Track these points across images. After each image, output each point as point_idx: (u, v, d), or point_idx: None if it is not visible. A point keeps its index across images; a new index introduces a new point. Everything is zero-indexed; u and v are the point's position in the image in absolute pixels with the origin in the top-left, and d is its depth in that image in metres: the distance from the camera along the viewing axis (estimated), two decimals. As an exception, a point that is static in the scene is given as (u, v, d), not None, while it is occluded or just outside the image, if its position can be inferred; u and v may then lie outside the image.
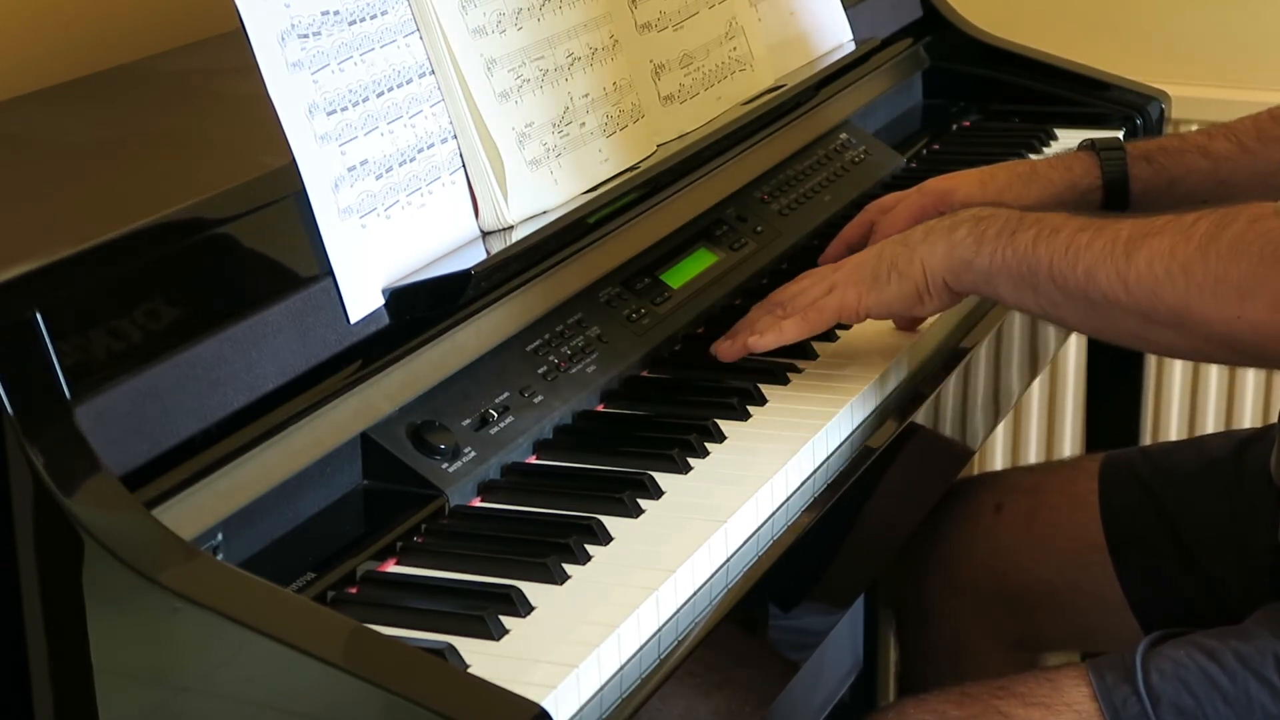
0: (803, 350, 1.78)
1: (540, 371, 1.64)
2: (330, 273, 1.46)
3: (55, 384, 1.23)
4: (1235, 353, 1.57)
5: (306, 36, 1.48)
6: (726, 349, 1.75)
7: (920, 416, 1.78)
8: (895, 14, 2.55)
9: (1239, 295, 1.50)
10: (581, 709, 1.27)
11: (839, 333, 1.83)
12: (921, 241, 1.69)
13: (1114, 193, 2.02)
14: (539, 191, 1.68)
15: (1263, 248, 1.49)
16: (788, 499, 1.57)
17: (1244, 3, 3.02)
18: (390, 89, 1.56)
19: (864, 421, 1.71)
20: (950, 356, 1.88)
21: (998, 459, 3.24)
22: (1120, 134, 2.44)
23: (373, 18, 1.56)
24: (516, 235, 1.63)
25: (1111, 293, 1.58)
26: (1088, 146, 2.05)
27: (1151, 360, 2.83)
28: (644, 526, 1.48)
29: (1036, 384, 3.14)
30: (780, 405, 1.69)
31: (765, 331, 1.72)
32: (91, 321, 1.28)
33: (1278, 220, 1.49)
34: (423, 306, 1.53)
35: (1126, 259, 1.57)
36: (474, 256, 1.58)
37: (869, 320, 1.76)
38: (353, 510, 1.46)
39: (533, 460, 1.60)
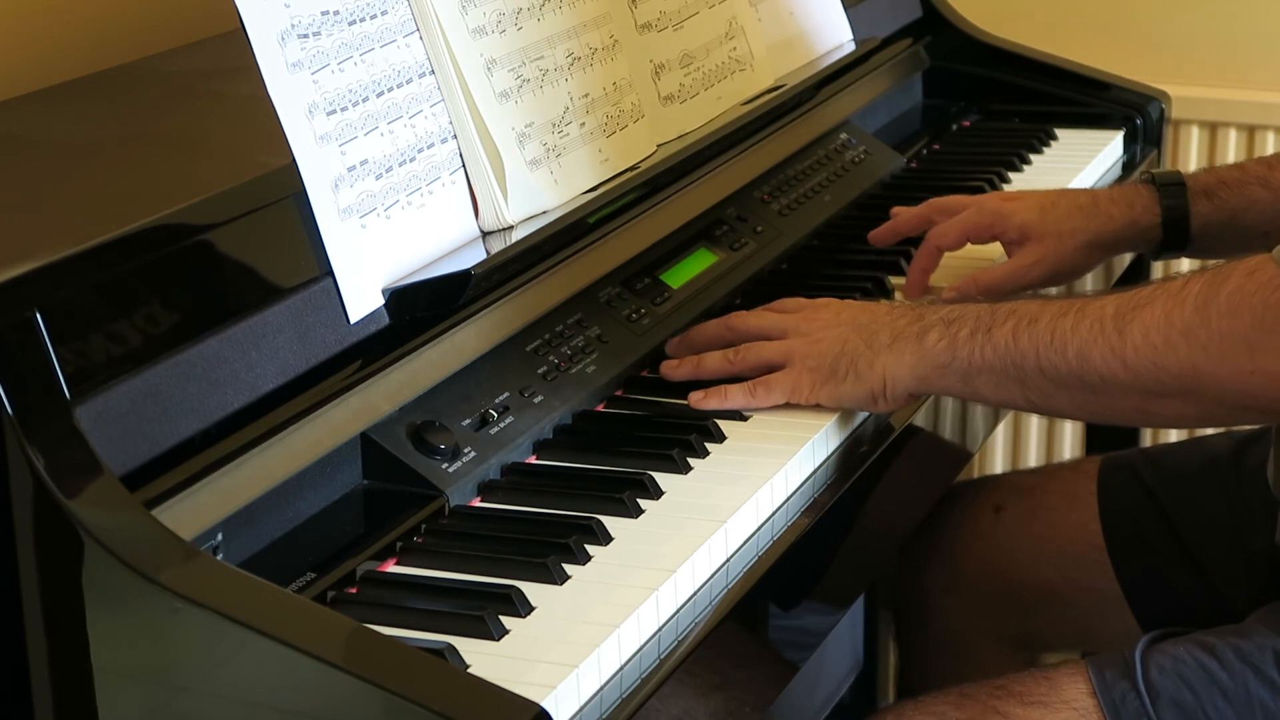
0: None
1: (540, 371, 1.64)
2: (330, 273, 1.46)
3: (55, 384, 1.23)
4: (1249, 410, 1.53)
5: (306, 36, 1.48)
6: (672, 368, 1.72)
7: (920, 418, 1.78)
8: (895, 14, 2.55)
9: (1248, 349, 1.47)
10: (581, 709, 1.27)
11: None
12: (887, 348, 1.64)
13: (1174, 231, 1.99)
14: (539, 191, 1.68)
15: (1266, 296, 1.46)
16: (788, 499, 1.57)
17: (1244, 3, 3.02)
18: (390, 89, 1.56)
19: (864, 422, 1.71)
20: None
21: (997, 460, 3.24)
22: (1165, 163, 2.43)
23: (373, 18, 1.56)
24: (516, 235, 1.63)
25: (1109, 372, 1.54)
26: (1148, 180, 2.01)
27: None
28: (644, 526, 1.48)
29: (1037, 384, 3.13)
30: (780, 405, 1.69)
31: (710, 395, 1.67)
32: (91, 321, 1.28)
33: (1275, 268, 1.47)
34: (423, 306, 1.53)
35: (1119, 335, 1.53)
36: (474, 256, 1.58)
37: None
38: (353, 510, 1.46)
39: (533, 460, 1.60)
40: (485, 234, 1.64)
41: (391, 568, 1.41)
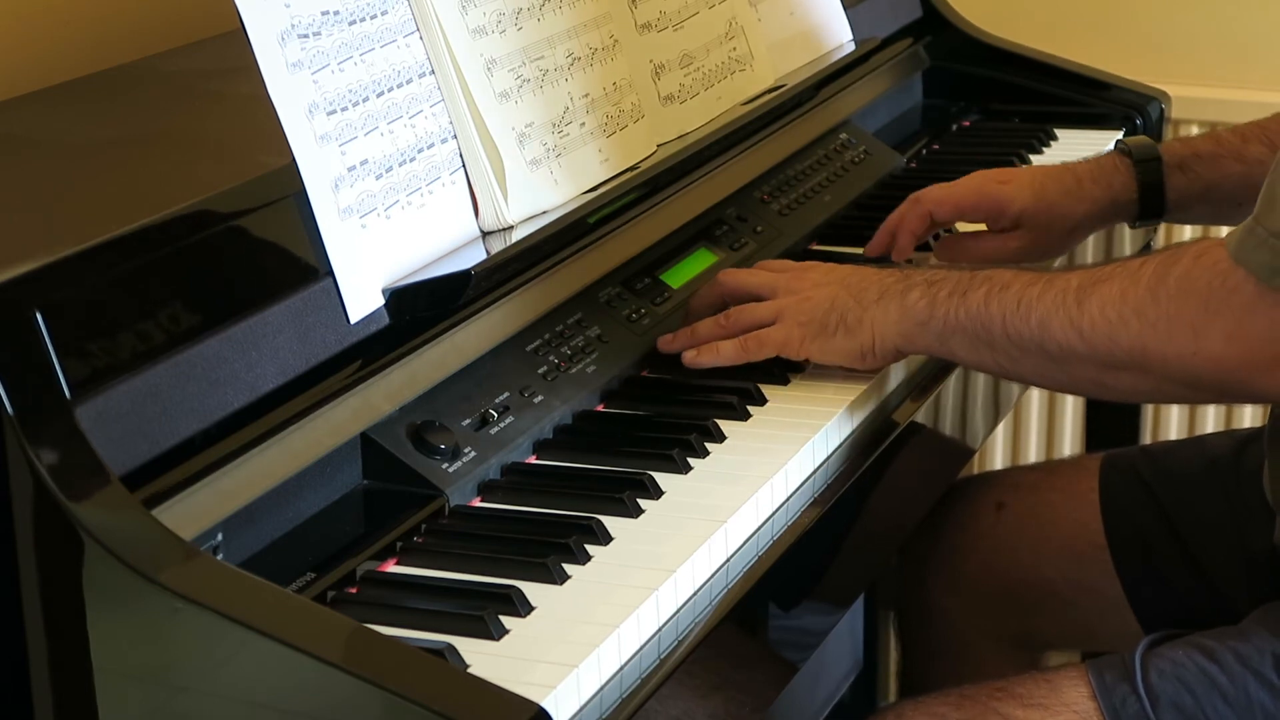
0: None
1: (540, 371, 1.64)
2: (330, 273, 1.46)
3: (55, 384, 1.23)
4: (1196, 390, 1.57)
5: (306, 36, 1.48)
6: (667, 343, 1.75)
7: (920, 416, 1.78)
8: (895, 14, 2.55)
9: (1193, 332, 1.51)
10: (581, 709, 1.27)
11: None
12: (875, 302, 1.69)
13: (1150, 202, 2.03)
14: (539, 191, 1.68)
15: (1210, 281, 1.50)
16: (788, 499, 1.57)
17: (1244, 3, 3.02)
18: (390, 89, 1.56)
19: (864, 421, 1.71)
20: (950, 356, 1.88)
21: (998, 459, 3.24)
22: (1131, 135, 2.44)
23: (373, 18, 1.56)
24: (516, 235, 1.63)
25: (1067, 342, 1.58)
26: (1125, 152, 2.05)
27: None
28: (644, 526, 1.48)
29: (1037, 384, 3.13)
30: (780, 405, 1.69)
31: (703, 351, 1.72)
32: (92, 321, 1.28)
33: (1222, 252, 1.50)
34: (423, 306, 1.53)
35: (1079, 307, 1.57)
36: (474, 256, 1.58)
37: None
38: (353, 510, 1.46)
39: (533, 460, 1.60)
40: (485, 234, 1.64)
41: (391, 568, 1.41)
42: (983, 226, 2.03)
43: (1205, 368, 1.52)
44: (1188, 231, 2.93)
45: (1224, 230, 1.81)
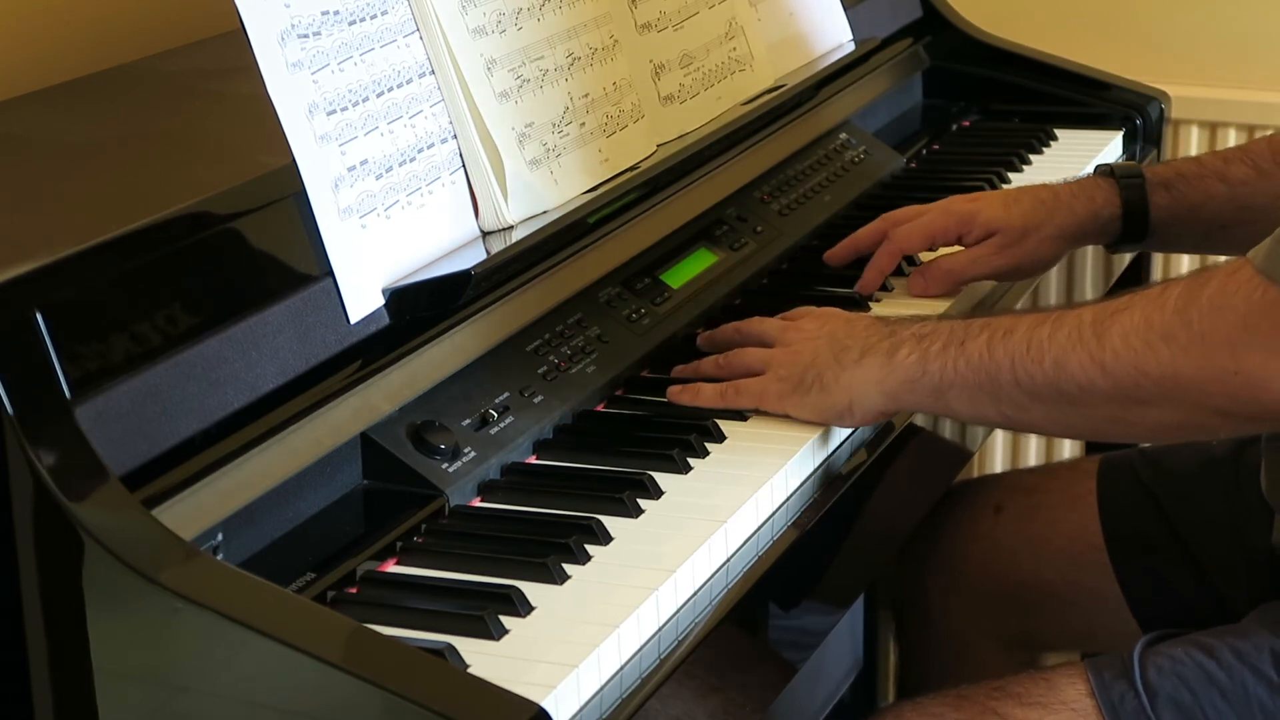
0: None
1: (540, 371, 1.64)
2: (330, 273, 1.46)
3: (55, 384, 1.23)
4: (1228, 416, 1.51)
5: (306, 36, 1.48)
6: (678, 374, 1.73)
7: (920, 418, 1.78)
8: (895, 14, 2.55)
9: (1230, 350, 1.46)
10: (581, 709, 1.27)
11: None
12: (855, 364, 1.63)
13: (1133, 221, 2.01)
14: (539, 191, 1.68)
15: (1248, 295, 1.45)
16: (788, 499, 1.57)
17: (1244, 3, 3.02)
18: (390, 89, 1.57)
19: (863, 422, 1.71)
20: (950, 357, 1.88)
21: (997, 460, 3.24)
22: (1129, 156, 2.44)
23: (373, 18, 1.56)
24: (516, 235, 1.63)
25: (1087, 380, 1.52)
26: (1106, 173, 2.03)
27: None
28: (644, 526, 1.48)
29: (1036, 384, 3.13)
30: (780, 405, 1.69)
31: (685, 390, 1.68)
32: (92, 321, 1.28)
33: (1252, 268, 1.46)
34: (423, 306, 1.53)
35: (1098, 341, 1.51)
36: (474, 256, 1.58)
37: None
38: (353, 510, 1.46)
39: (533, 460, 1.60)
40: (485, 234, 1.64)
41: (391, 568, 1.41)
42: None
43: (1244, 387, 1.46)
44: (1158, 261, 2.85)
45: (1216, 259, 1.79)
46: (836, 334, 1.68)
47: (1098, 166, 2.07)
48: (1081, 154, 2.42)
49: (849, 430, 1.68)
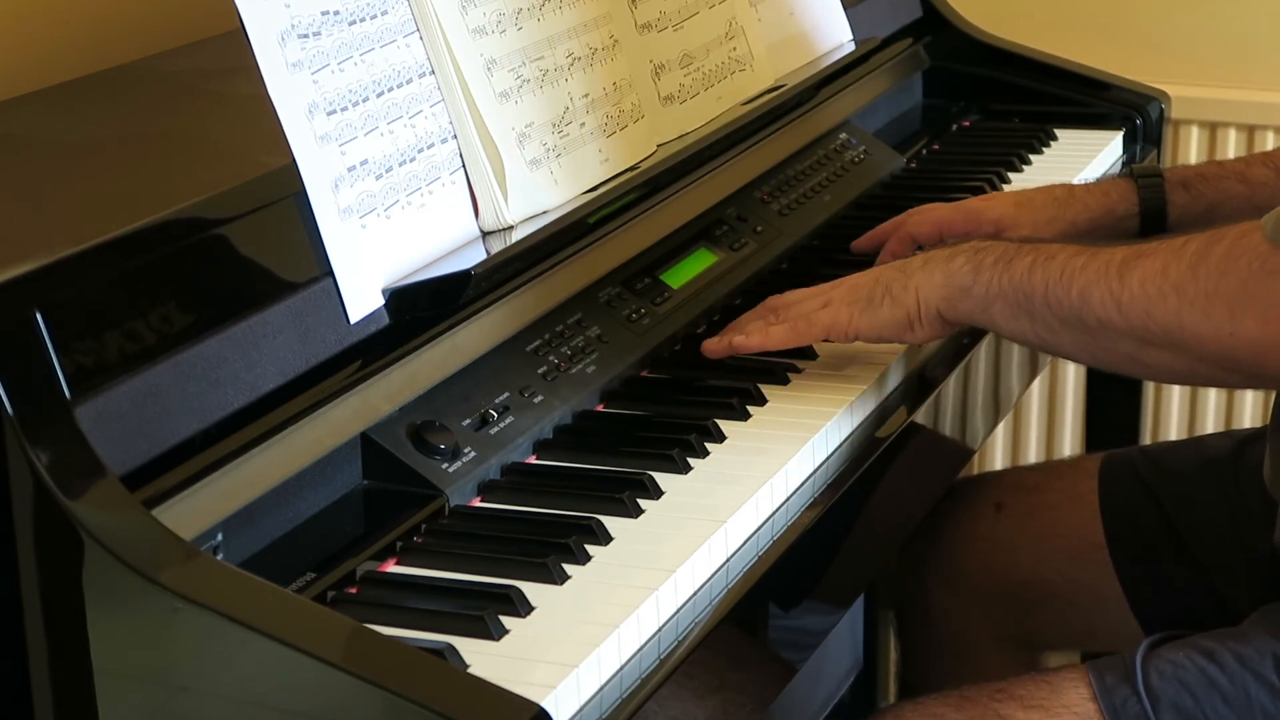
0: (803, 350, 1.78)
1: (540, 371, 1.64)
2: (330, 273, 1.46)
3: (55, 384, 1.23)
4: (1230, 371, 1.56)
5: (306, 36, 1.48)
6: (713, 345, 1.76)
7: (920, 416, 1.78)
8: (895, 14, 2.55)
9: (1230, 311, 1.50)
10: (581, 709, 1.27)
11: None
12: (919, 269, 1.70)
13: (1151, 220, 2.02)
14: (539, 191, 1.68)
15: (1250, 261, 1.49)
16: (788, 499, 1.57)
17: (1244, 3, 3.02)
18: (390, 89, 1.57)
19: (864, 421, 1.71)
20: (950, 356, 1.88)
21: (998, 459, 3.24)
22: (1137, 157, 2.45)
23: (373, 18, 1.56)
24: (516, 235, 1.63)
25: (1105, 315, 1.58)
26: (1126, 174, 2.04)
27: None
28: (644, 526, 1.48)
29: (1036, 384, 3.14)
30: (780, 405, 1.69)
31: (752, 334, 1.72)
32: (92, 321, 1.28)
33: (1262, 234, 1.49)
34: (423, 306, 1.53)
35: (1120, 280, 1.56)
36: (474, 256, 1.58)
37: None
38: (353, 510, 1.46)
39: (533, 460, 1.60)
40: (485, 234, 1.64)
41: (391, 568, 1.41)
42: None
43: (1240, 349, 1.50)
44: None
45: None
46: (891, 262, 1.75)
47: (1120, 167, 2.08)
48: (1081, 154, 2.42)
49: (850, 430, 1.68)
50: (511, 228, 1.65)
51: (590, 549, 1.43)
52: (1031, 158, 2.41)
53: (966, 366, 1.91)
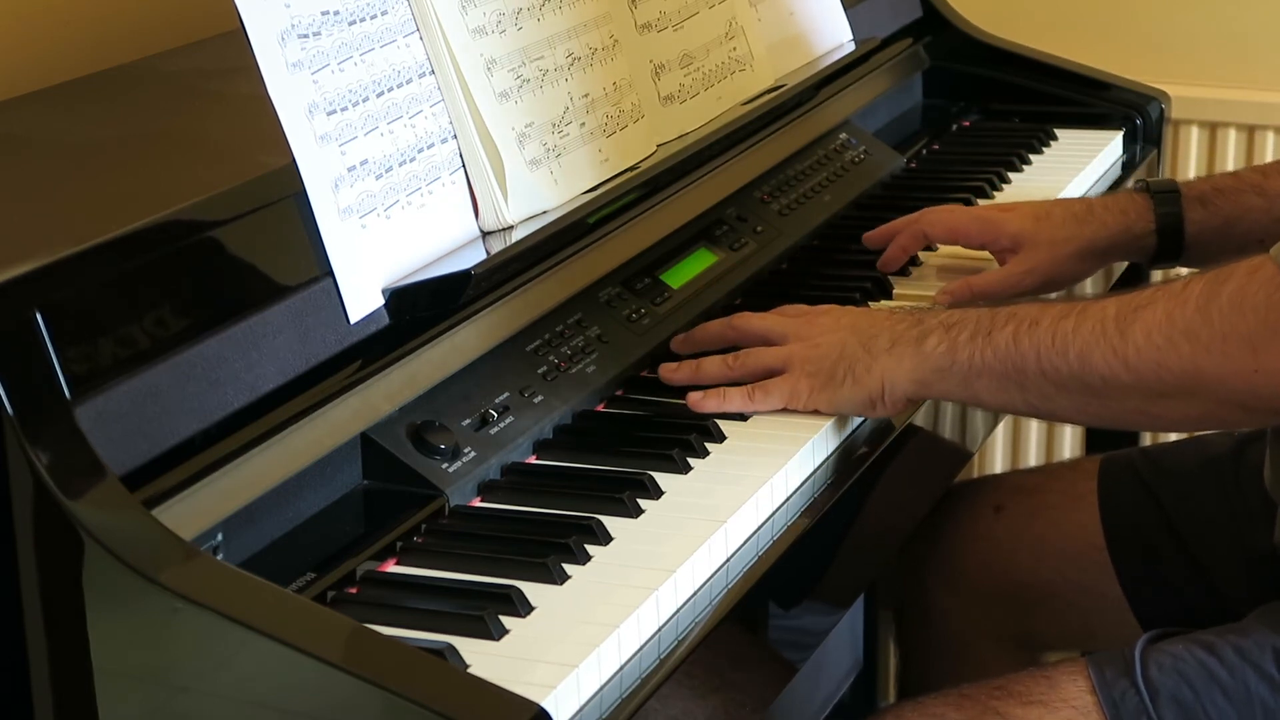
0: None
1: (540, 371, 1.64)
2: (330, 273, 1.46)
3: (55, 384, 1.23)
4: (1251, 411, 1.53)
5: (306, 36, 1.48)
6: (670, 371, 1.72)
7: (920, 418, 1.78)
8: (895, 14, 2.55)
9: (1251, 348, 1.47)
10: (581, 709, 1.27)
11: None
12: (886, 351, 1.64)
13: (1168, 237, 2.00)
14: (539, 191, 1.68)
15: (1269, 295, 1.46)
16: (788, 499, 1.57)
17: (1244, 3, 3.02)
18: (390, 89, 1.57)
19: (863, 422, 1.71)
20: (950, 356, 1.88)
21: (997, 460, 3.24)
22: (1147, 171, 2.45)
23: (373, 18, 1.56)
24: (516, 235, 1.63)
25: (1110, 373, 1.54)
26: (1142, 189, 2.02)
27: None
28: (644, 526, 1.48)
29: (1036, 384, 3.13)
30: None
31: (709, 396, 1.66)
32: (92, 321, 1.28)
33: (1275, 267, 1.46)
34: (423, 306, 1.53)
35: (1121, 336, 1.53)
36: (474, 256, 1.58)
37: None
38: (353, 510, 1.46)
39: (533, 460, 1.60)
40: (485, 234, 1.64)
41: (391, 568, 1.41)
42: (987, 256, 2.01)
43: (1263, 385, 1.47)
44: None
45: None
46: (859, 325, 1.67)
47: (1135, 182, 2.06)
48: (1081, 154, 2.42)
49: (849, 430, 1.68)
50: (511, 228, 1.65)
51: (590, 549, 1.43)
52: (1031, 158, 2.41)
53: (966, 367, 1.90)
